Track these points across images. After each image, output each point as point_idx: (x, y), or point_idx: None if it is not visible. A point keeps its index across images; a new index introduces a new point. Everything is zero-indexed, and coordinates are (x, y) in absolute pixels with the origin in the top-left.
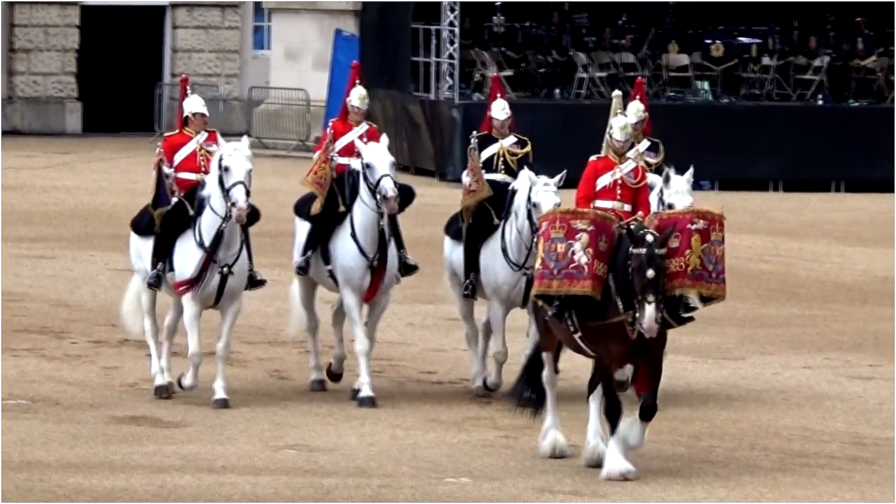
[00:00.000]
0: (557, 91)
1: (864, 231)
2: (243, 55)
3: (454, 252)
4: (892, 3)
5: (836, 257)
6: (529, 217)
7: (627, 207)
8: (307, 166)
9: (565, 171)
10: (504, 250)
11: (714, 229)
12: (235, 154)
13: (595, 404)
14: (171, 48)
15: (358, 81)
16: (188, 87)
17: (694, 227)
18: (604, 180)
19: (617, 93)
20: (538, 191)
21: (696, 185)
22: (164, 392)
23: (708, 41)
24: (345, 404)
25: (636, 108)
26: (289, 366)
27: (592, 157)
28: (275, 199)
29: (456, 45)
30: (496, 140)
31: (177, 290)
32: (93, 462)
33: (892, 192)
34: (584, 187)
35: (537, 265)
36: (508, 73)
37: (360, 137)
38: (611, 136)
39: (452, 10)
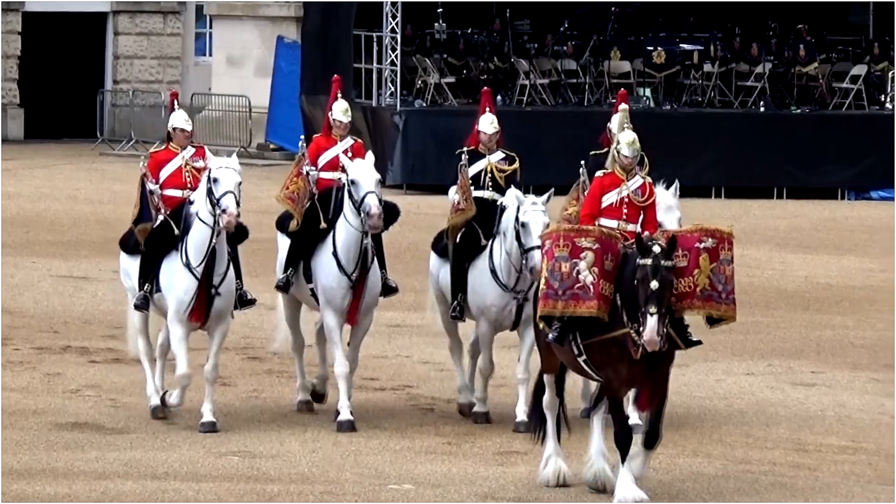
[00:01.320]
0: (499, 98)
1: (805, 238)
2: (185, 62)
3: (441, 270)
4: (833, 9)
5: (777, 264)
6: (518, 238)
7: (632, 227)
8: (252, 174)
9: (552, 189)
10: (493, 270)
11: (723, 248)
12: (225, 168)
13: (598, 422)
14: (114, 55)
15: (340, 95)
16: (175, 102)
17: (702, 245)
18: (609, 198)
19: (624, 106)
20: (526, 210)
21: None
22: (159, 412)
23: (650, 48)
24: (287, 411)
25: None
26: (231, 372)
27: (598, 173)
28: None
29: (398, 52)
30: (483, 155)
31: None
32: (35, 468)
33: (836, 198)
34: (588, 204)
35: (541, 285)
36: (450, 79)
37: (345, 152)
38: (618, 152)
39: (394, 17)
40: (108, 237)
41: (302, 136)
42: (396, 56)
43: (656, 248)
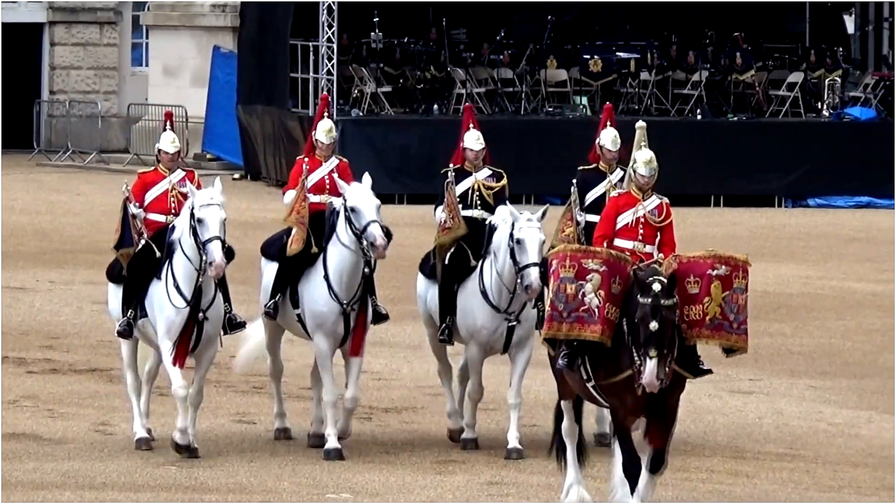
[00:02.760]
0: (436, 107)
1: (742, 246)
2: (122, 72)
3: (429, 292)
4: (770, 16)
5: None
6: (512, 255)
7: (649, 248)
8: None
9: (547, 205)
10: (483, 292)
11: (737, 276)
12: (210, 206)
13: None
14: (50, 65)
15: (326, 114)
16: (168, 122)
17: (715, 272)
18: (625, 218)
19: (641, 123)
20: (521, 227)
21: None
22: (143, 444)
23: (586, 56)
24: (224, 420)
25: (614, 135)
26: (168, 382)
27: (613, 193)
28: None
29: (334, 62)
30: (469, 173)
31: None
32: None
33: (773, 206)
34: (603, 225)
35: (547, 306)
36: (386, 88)
37: (331, 173)
38: (634, 171)
39: (330, 27)
40: (44, 248)
41: (305, 159)
42: (332, 65)
43: (656, 287)
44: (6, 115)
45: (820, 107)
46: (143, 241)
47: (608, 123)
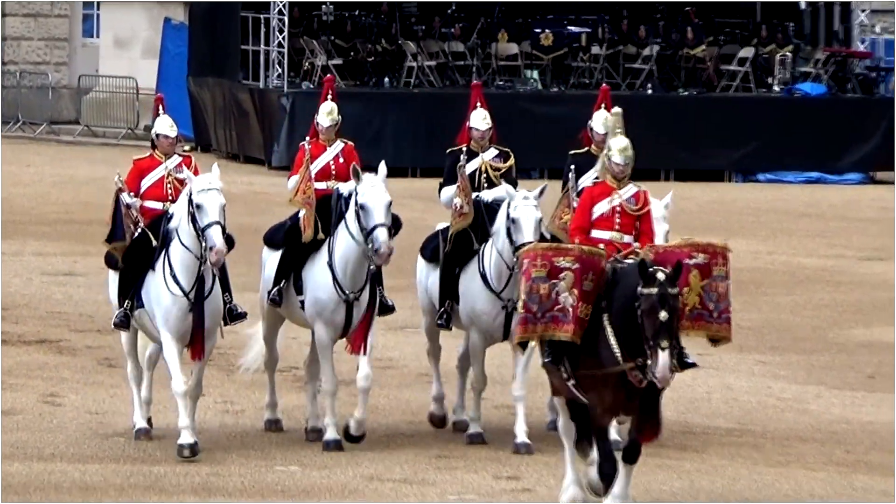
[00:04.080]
0: (387, 80)
1: (692, 220)
2: (73, 43)
3: (430, 276)
4: None
5: None
6: (509, 234)
7: (628, 238)
8: (139, 154)
9: (546, 184)
10: (483, 275)
11: (716, 264)
12: (209, 191)
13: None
14: (1, 36)
15: (330, 96)
16: (161, 107)
17: (692, 261)
18: (601, 208)
19: (617, 110)
20: (517, 205)
21: (527, 175)
22: (142, 435)
23: (537, 30)
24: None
25: (605, 117)
26: (117, 353)
27: (588, 183)
28: (103, 187)
29: (285, 34)
30: (476, 154)
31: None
32: None
33: (723, 180)
34: (579, 217)
35: (519, 308)
36: (337, 61)
37: (336, 158)
38: (609, 159)
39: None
40: None
41: (308, 141)
42: (284, 38)
43: (661, 276)
44: None
45: (771, 82)
46: (139, 231)
47: (602, 105)
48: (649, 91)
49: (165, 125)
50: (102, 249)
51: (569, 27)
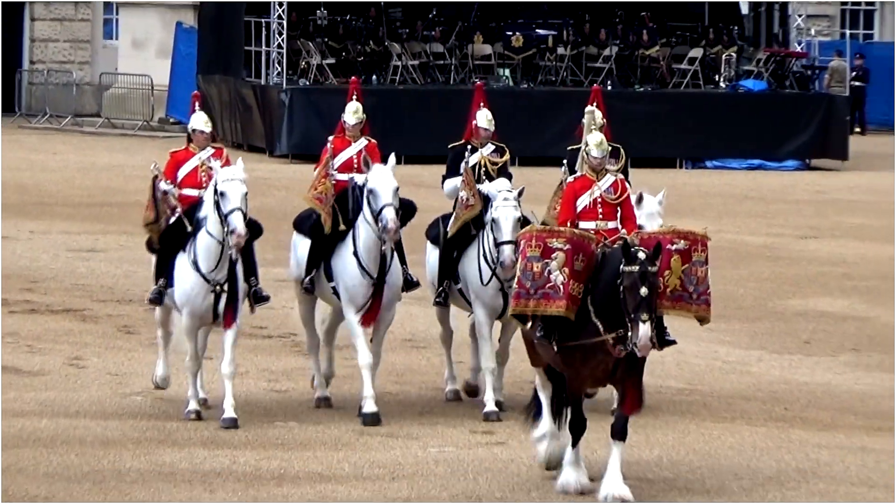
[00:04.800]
0: (374, 77)
1: None
2: (94, 44)
3: (433, 257)
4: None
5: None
6: (491, 231)
7: (612, 225)
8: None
9: (523, 186)
10: (484, 255)
11: (696, 250)
12: (232, 180)
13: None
14: (30, 38)
15: (355, 96)
16: (196, 103)
17: (674, 247)
18: (583, 200)
19: (590, 108)
20: (498, 206)
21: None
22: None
23: (509, 33)
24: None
25: (596, 116)
26: (135, 321)
27: (569, 178)
28: (122, 173)
29: (284, 36)
30: (476, 149)
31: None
32: None
33: (675, 167)
34: (564, 210)
35: (514, 284)
36: (330, 61)
37: (359, 153)
38: (587, 154)
39: (280, 5)
40: (25, 201)
41: (329, 139)
42: (283, 40)
43: (641, 255)
44: None
45: (717, 79)
46: (175, 216)
47: (594, 104)
48: (609, 87)
49: (201, 121)
50: (121, 227)
51: (537, 30)
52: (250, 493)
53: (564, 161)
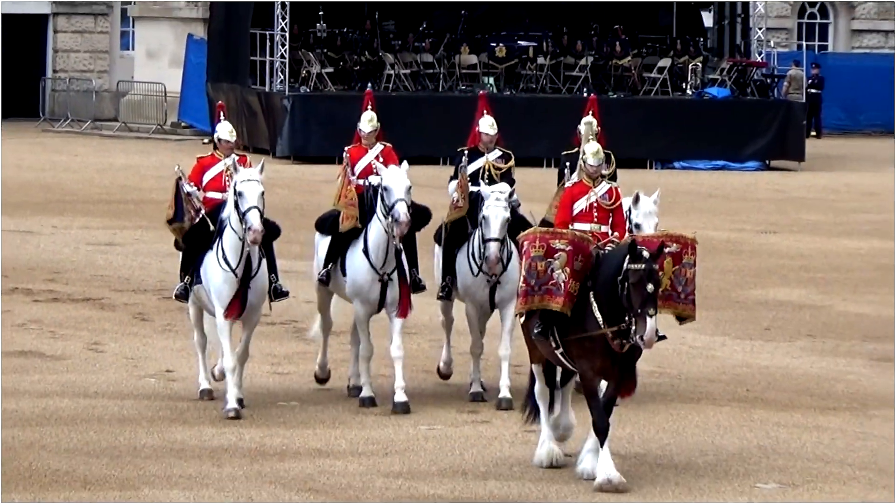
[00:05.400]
0: (369, 85)
1: None
2: (112, 54)
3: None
4: (644, 11)
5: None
6: (481, 228)
7: (605, 228)
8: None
9: (514, 188)
10: (473, 255)
11: (686, 253)
12: (250, 181)
13: (559, 402)
14: (53, 49)
15: (369, 106)
16: (222, 113)
17: (667, 250)
18: (580, 204)
19: (589, 119)
20: (489, 205)
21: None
22: (206, 396)
23: (493, 44)
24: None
25: (590, 121)
26: (149, 309)
27: (567, 183)
28: (137, 172)
29: (286, 47)
30: (482, 154)
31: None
32: None
33: (645, 167)
34: (561, 213)
35: (520, 283)
36: (329, 69)
37: (377, 158)
38: (584, 162)
39: (283, 18)
40: (48, 198)
41: (346, 148)
42: (285, 51)
43: (646, 254)
44: (18, 90)
45: (684, 87)
46: (199, 217)
47: (591, 112)
48: (584, 94)
49: (226, 131)
50: (137, 223)
51: (519, 41)
52: (255, 468)
53: (566, 164)
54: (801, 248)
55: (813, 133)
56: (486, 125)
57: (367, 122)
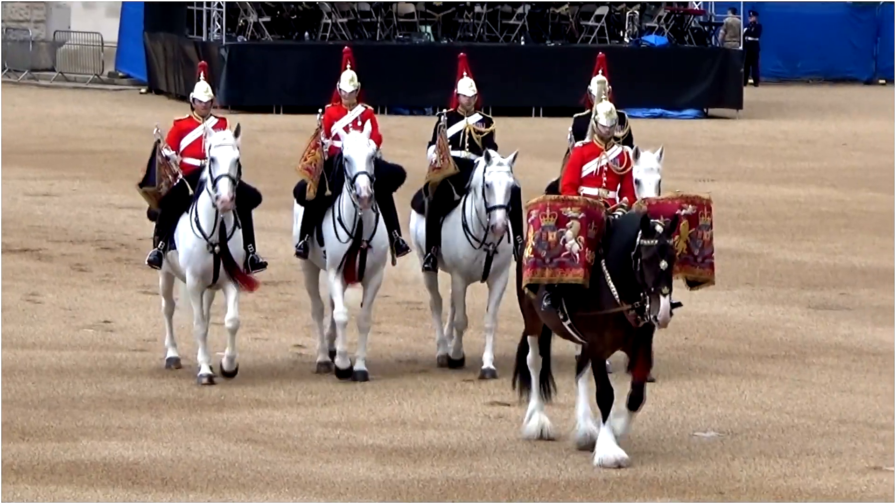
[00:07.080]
0: (307, 34)
1: (558, 148)
2: (48, 4)
3: (419, 226)
4: None
5: (536, 170)
6: (484, 196)
7: (612, 194)
8: (104, 97)
9: (517, 150)
10: (465, 225)
11: (702, 214)
12: (222, 146)
13: (584, 386)
14: None
15: (349, 65)
16: (202, 73)
17: (683, 212)
18: (590, 167)
19: (601, 78)
20: (491, 171)
21: (421, 112)
22: (173, 363)
23: None
24: (133, 290)
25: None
26: (87, 260)
27: (578, 144)
28: (75, 122)
29: None
30: (462, 117)
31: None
32: None
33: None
34: (570, 173)
35: (527, 254)
36: (266, 19)
37: (354, 122)
38: (596, 122)
39: None
40: None
41: (320, 110)
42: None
43: (659, 228)
44: None
45: (622, 35)
46: (177, 181)
47: (600, 71)
48: (522, 42)
49: (201, 90)
50: (74, 173)
51: None
52: (193, 418)
53: (570, 128)
54: (738, 196)
55: (750, 81)
56: (465, 86)
57: (349, 81)
